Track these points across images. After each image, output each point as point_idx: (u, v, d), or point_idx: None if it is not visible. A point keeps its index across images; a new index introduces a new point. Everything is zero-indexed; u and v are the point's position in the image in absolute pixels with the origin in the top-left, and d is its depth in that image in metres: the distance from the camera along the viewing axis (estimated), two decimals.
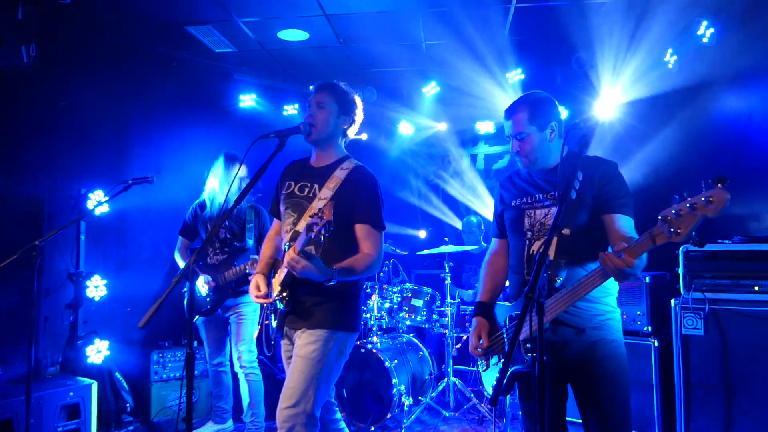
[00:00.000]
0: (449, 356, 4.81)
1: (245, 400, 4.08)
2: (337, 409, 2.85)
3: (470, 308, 4.99)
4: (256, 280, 2.63)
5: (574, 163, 2.03)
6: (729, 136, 4.28)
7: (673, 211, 1.74)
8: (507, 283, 2.65)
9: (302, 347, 2.48)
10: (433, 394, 4.76)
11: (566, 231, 2.22)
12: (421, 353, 4.89)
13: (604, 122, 2.09)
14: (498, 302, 2.58)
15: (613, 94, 5.42)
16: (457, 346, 5.09)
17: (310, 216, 2.27)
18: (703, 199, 1.66)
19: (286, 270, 2.49)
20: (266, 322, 2.67)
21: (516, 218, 2.47)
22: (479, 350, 2.51)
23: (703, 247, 2.97)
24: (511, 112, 2.44)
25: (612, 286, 2.36)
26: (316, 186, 2.61)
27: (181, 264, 4.17)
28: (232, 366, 4.19)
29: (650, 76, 5.22)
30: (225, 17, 4.85)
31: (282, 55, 5.84)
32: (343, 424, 2.84)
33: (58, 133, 4.66)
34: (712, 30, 4.46)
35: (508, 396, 4.57)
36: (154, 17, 4.82)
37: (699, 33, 4.53)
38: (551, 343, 2.27)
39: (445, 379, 4.81)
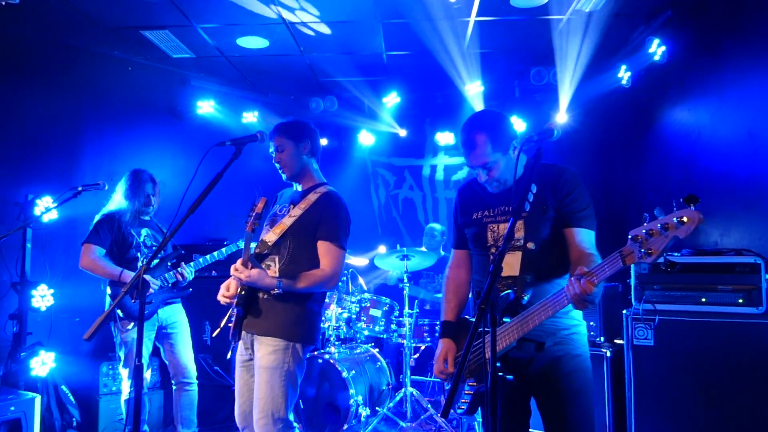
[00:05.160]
0: (407, 366, 4.79)
1: (183, 412, 3.91)
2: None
3: (427, 320, 5.00)
4: (228, 282, 2.75)
5: (530, 174, 1.99)
6: (679, 152, 4.39)
7: (644, 231, 1.65)
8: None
9: (263, 357, 2.65)
10: (391, 405, 4.73)
11: (531, 245, 2.14)
12: (379, 363, 4.87)
13: (562, 132, 2.05)
14: (466, 317, 2.53)
15: (570, 108, 5.55)
16: (415, 356, 5.08)
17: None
18: (674, 219, 1.59)
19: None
20: (230, 325, 2.74)
21: (478, 232, 2.38)
22: (443, 375, 2.39)
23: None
24: (470, 144, 2.25)
25: None
26: (292, 206, 2.84)
27: (99, 269, 3.81)
28: (165, 379, 3.97)
29: (605, 92, 5.36)
30: (183, 23, 4.77)
31: (241, 62, 5.77)
32: None
33: (4, 136, 4.49)
34: (663, 48, 4.59)
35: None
36: (109, 21, 4.70)
37: (651, 51, 4.67)
38: (516, 359, 2.15)
39: (403, 390, 4.79)
